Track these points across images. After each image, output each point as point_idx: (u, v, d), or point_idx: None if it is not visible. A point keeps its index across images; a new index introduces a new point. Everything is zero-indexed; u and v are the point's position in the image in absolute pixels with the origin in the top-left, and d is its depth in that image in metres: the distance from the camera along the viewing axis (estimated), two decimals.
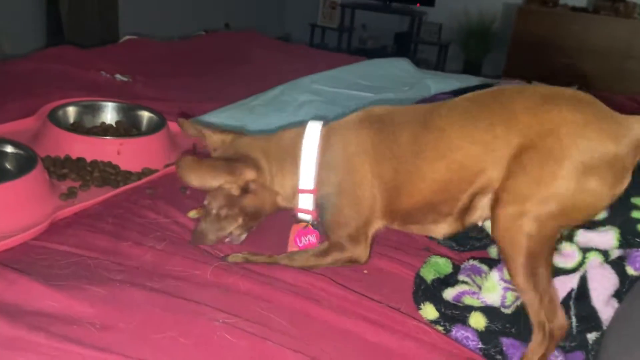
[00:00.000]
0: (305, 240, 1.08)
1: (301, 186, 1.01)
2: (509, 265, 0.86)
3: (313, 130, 1.01)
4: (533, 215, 0.83)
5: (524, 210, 0.83)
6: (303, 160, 1.00)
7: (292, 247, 1.07)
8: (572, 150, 0.82)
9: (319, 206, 1.01)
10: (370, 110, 1.03)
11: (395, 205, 0.97)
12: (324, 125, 1.03)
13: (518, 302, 0.91)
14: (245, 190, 0.99)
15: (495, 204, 0.88)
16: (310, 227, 1.07)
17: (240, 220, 1.02)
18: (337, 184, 0.99)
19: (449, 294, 0.98)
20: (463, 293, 0.97)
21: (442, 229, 0.99)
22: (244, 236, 1.06)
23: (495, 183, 0.89)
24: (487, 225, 1.00)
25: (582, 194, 0.82)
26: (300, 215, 1.06)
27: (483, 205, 0.93)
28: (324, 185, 1.00)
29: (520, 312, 0.89)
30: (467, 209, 0.94)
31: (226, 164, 0.97)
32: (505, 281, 0.93)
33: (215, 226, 1.01)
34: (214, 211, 1.00)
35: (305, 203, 1.02)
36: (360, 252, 1.00)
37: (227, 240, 1.05)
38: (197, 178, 0.94)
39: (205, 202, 1.02)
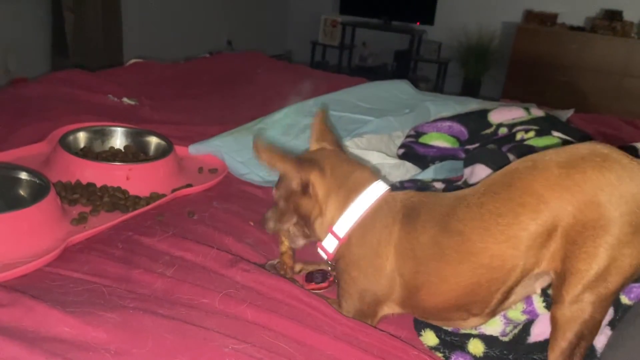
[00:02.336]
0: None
1: (335, 228, 1.01)
2: (554, 339, 0.84)
3: (376, 190, 1.01)
4: (596, 295, 0.80)
5: (587, 292, 0.80)
6: (351, 209, 0.99)
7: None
8: (617, 215, 0.78)
9: (337, 263, 1.02)
10: (409, 199, 0.99)
11: (415, 301, 0.95)
12: (387, 191, 1.02)
13: (516, 331, 0.95)
14: (304, 189, 1.02)
15: (559, 286, 0.83)
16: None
17: (294, 219, 1.06)
18: (359, 257, 0.98)
19: None
20: None
21: (471, 323, 0.94)
22: (301, 242, 1.10)
23: (532, 270, 0.85)
24: None
25: (638, 256, 0.79)
26: (319, 250, 1.06)
27: (517, 291, 0.89)
28: (349, 246, 0.99)
29: (518, 339, 0.93)
30: (501, 303, 0.90)
31: (297, 158, 1.02)
32: (506, 317, 0.96)
33: (276, 216, 1.08)
34: (276, 198, 1.07)
35: (329, 244, 1.02)
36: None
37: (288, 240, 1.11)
38: (268, 157, 1.00)
39: (273, 191, 1.09)
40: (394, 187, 1.38)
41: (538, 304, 0.95)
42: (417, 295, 0.93)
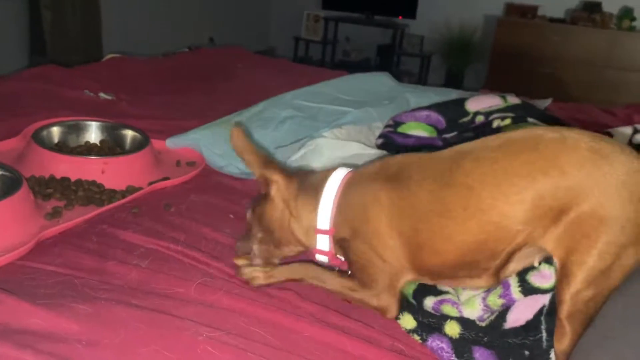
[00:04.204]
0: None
1: (319, 226, 1.00)
2: (561, 334, 0.85)
3: (338, 175, 1.02)
4: (598, 292, 0.81)
5: (590, 288, 0.81)
6: (323, 200, 1.00)
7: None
8: (633, 215, 0.78)
9: (341, 250, 1.01)
10: (386, 162, 1.00)
11: (420, 262, 0.93)
12: (350, 172, 1.03)
13: (492, 317, 0.95)
14: (266, 193, 1.03)
15: (564, 278, 0.83)
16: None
17: (259, 235, 1.05)
18: (353, 230, 0.97)
19: (430, 300, 1.00)
20: (443, 301, 0.99)
21: (477, 283, 0.93)
22: (258, 262, 1.05)
23: (536, 240, 0.84)
24: None
25: None
26: (318, 257, 1.04)
27: (519, 257, 0.89)
28: (340, 228, 0.99)
29: (494, 325, 0.93)
30: (505, 264, 0.90)
31: (266, 157, 1.05)
32: (485, 304, 0.96)
33: (245, 238, 1.08)
34: (248, 219, 1.08)
35: (323, 244, 1.01)
36: (388, 302, 0.96)
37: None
38: (241, 144, 1.03)
39: (248, 215, 1.09)
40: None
41: (514, 288, 0.95)
42: (421, 256, 0.91)
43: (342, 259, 1.03)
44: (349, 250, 0.98)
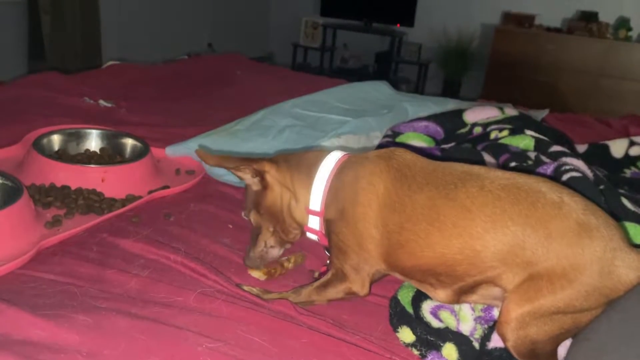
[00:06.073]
0: None
1: (310, 207, 1.03)
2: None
3: (333, 157, 1.04)
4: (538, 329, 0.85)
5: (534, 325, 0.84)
6: (316, 181, 1.02)
7: None
8: (590, 286, 0.82)
9: (326, 230, 1.03)
10: (393, 152, 1.00)
11: (395, 259, 0.95)
12: (345, 155, 1.05)
13: (480, 334, 0.96)
14: (264, 185, 1.05)
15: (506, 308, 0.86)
16: None
17: (270, 228, 1.07)
18: (340, 211, 0.98)
19: (428, 305, 1.01)
20: (441, 307, 1.00)
21: (439, 294, 0.95)
22: (277, 252, 1.11)
23: (504, 282, 0.86)
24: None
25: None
26: (308, 235, 1.08)
27: (483, 292, 0.92)
28: (329, 210, 1.01)
29: (481, 347, 0.94)
30: (469, 289, 0.92)
31: (246, 157, 1.05)
32: (472, 312, 0.97)
33: (252, 241, 1.09)
34: (249, 217, 1.09)
35: (313, 223, 1.05)
36: (360, 284, 0.99)
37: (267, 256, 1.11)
38: (216, 160, 1.04)
39: (243, 214, 1.11)
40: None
41: (496, 310, 0.97)
42: (399, 252, 0.93)
43: None
44: (332, 230, 1.00)
